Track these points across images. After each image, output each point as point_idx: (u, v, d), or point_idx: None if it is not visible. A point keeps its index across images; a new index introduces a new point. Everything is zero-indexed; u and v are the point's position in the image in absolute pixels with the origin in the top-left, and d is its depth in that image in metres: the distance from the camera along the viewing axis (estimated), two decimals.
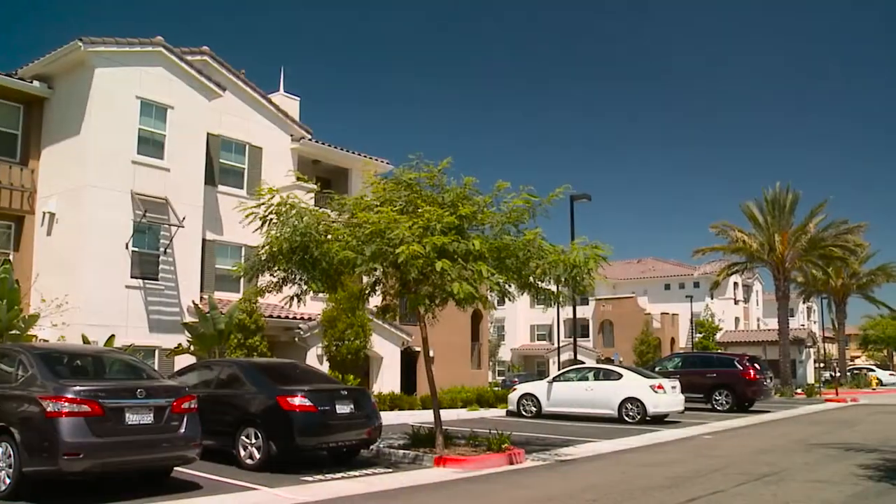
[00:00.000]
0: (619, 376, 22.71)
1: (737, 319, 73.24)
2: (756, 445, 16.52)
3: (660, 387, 21.79)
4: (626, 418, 21.56)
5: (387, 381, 27.56)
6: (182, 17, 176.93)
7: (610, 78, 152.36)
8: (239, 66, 27.07)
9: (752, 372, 26.78)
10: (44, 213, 22.10)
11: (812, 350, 66.95)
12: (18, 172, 22.48)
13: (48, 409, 8.68)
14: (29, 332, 17.29)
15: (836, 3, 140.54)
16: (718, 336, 66.75)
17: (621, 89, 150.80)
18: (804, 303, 78.17)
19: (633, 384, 22.11)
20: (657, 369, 27.73)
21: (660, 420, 21.72)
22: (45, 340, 17.93)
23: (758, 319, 78.34)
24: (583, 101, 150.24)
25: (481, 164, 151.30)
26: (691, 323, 64.30)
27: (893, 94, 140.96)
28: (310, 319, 24.98)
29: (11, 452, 8.79)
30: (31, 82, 22.43)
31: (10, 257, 21.40)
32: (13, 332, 16.73)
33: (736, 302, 73.57)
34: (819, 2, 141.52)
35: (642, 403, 21.48)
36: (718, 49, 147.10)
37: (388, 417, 17.41)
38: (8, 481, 8.81)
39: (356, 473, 11.71)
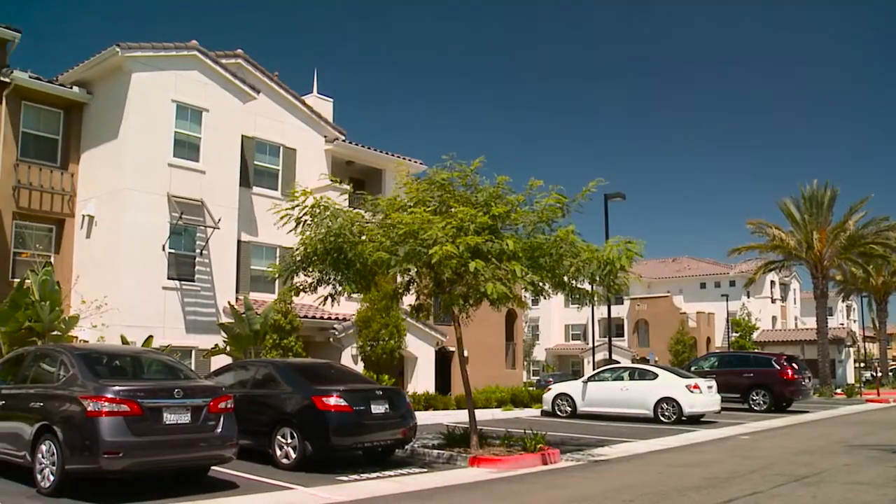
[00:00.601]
0: (655, 376, 22.54)
1: (774, 318, 72.38)
2: (795, 446, 16.31)
3: (696, 386, 21.59)
4: (662, 418, 21.40)
5: (421, 380, 27.60)
6: (216, 20, 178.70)
7: (643, 75, 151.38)
8: (273, 69, 27.34)
9: (790, 371, 26.43)
10: (83, 216, 22.46)
11: (852, 349, 65.98)
12: (59, 176, 22.89)
13: (89, 409, 8.82)
14: (70, 333, 17.61)
15: (877, 3, 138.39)
16: (755, 335, 65.98)
17: (654, 87, 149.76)
18: (843, 301, 77.09)
19: (668, 384, 21.93)
20: (693, 369, 27.49)
21: (696, 420, 21.52)
22: (85, 341, 18.22)
23: (795, 318, 77.36)
24: (616, 99, 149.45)
25: (514, 162, 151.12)
26: (727, 322, 63.66)
27: None
28: (344, 320, 25.09)
29: (55, 450, 8.96)
30: (71, 88, 22.85)
31: (52, 260, 21.78)
32: (55, 332, 17.05)
33: (773, 301, 72.71)
34: (858, 3, 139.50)
35: (678, 403, 21.30)
36: (756, 48, 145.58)
37: (423, 417, 17.43)
38: (52, 478, 8.97)
39: (391, 473, 11.74)
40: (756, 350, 54.57)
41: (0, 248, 21.53)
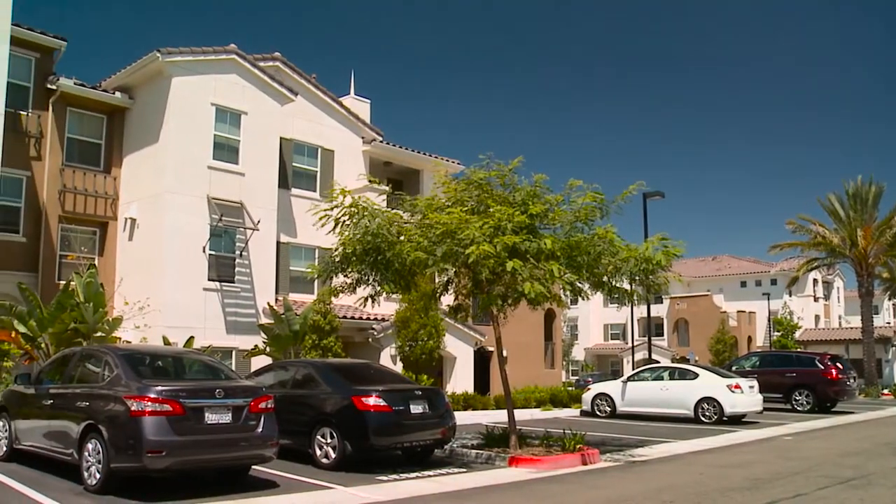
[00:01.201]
0: (695, 376, 22.32)
1: (817, 317, 71.22)
2: (840, 448, 16.03)
3: (737, 386, 21.33)
4: (703, 418, 21.18)
5: (460, 380, 27.61)
6: (253, 22, 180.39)
7: (681, 72, 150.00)
8: (310, 71, 27.52)
9: (834, 371, 25.99)
10: (125, 219, 22.82)
11: None
12: (102, 180, 23.30)
13: (132, 408, 8.95)
14: (113, 334, 17.87)
15: None
16: (798, 334, 64.96)
17: (693, 84, 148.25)
18: (889, 300, 75.48)
19: (709, 384, 21.69)
20: (734, 368, 27.17)
21: (737, 420, 21.27)
22: (128, 342, 18.48)
23: (839, 317, 76.04)
24: (655, 97, 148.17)
25: (552, 162, 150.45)
26: (769, 321, 62.80)
27: None
28: (383, 320, 25.18)
29: (100, 449, 9.11)
30: (114, 93, 23.27)
31: (96, 262, 22.13)
32: (99, 333, 17.32)
33: (816, 299, 71.54)
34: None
35: (719, 403, 21.06)
36: (798, 45, 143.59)
37: (462, 417, 17.43)
38: (98, 476, 9.13)
39: (430, 473, 11.75)
40: (799, 349, 53.78)
41: (47, 251, 21.97)
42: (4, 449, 11.59)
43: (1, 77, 18.69)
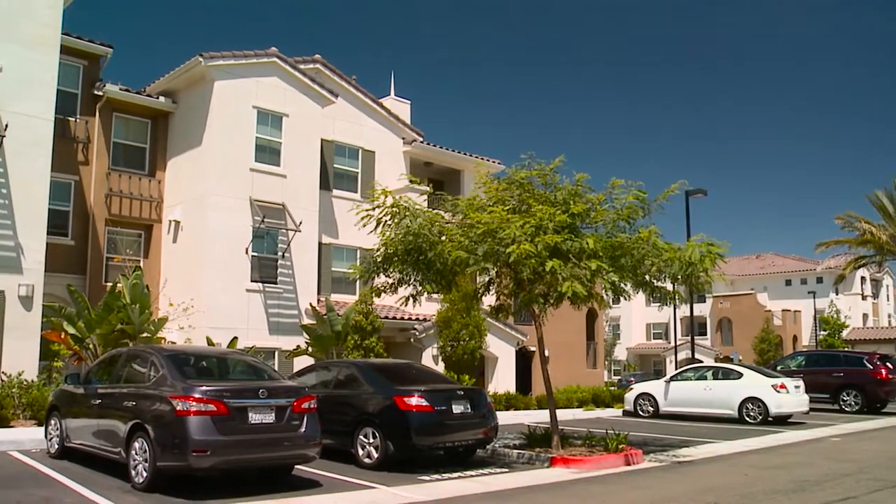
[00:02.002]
0: (739, 375, 22.04)
1: (865, 316, 69.92)
2: (891, 450, 15.71)
3: (782, 386, 21.02)
4: (747, 419, 20.92)
5: (502, 380, 27.57)
6: (293, 26, 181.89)
7: (721, 68, 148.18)
8: (350, 73, 27.67)
9: (883, 371, 25.44)
10: (170, 222, 23.16)
11: None
12: (147, 183, 23.68)
13: (178, 408, 9.06)
14: (158, 335, 18.13)
15: None
16: (845, 333, 63.81)
17: (734, 81, 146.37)
18: None
19: (754, 383, 21.41)
20: (779, 368, 26.75)
21: (783, 421, 20.97)
22: (172, 342, 18.74)
23: (889, 316, 74.57)
24: (697, 94, 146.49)
25: (593, 160, 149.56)
26: (815, 320, 61.82)
27: None
28: (425, 320, 25.23)
29: (147, 448, 9.23)
30: (158, 98, 23.66)
31: (141, 264, 22.51)
32: (145, 334, 17.59)
33: (864, 297, 70.23)
34: None
35: (764, 403, 20.78)
36: (840, 45, 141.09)
37: (504, 417, 17.39)
38: (145, 474, 9.25)
39: (472, 473, 11.74)
40: (846, 349, 52.85)
41: (94, 254, 22.37)
42: (56, 446, 11.81)
43: (51, 85, 19.22)
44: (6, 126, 17.94)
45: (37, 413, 15.38)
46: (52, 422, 12.09)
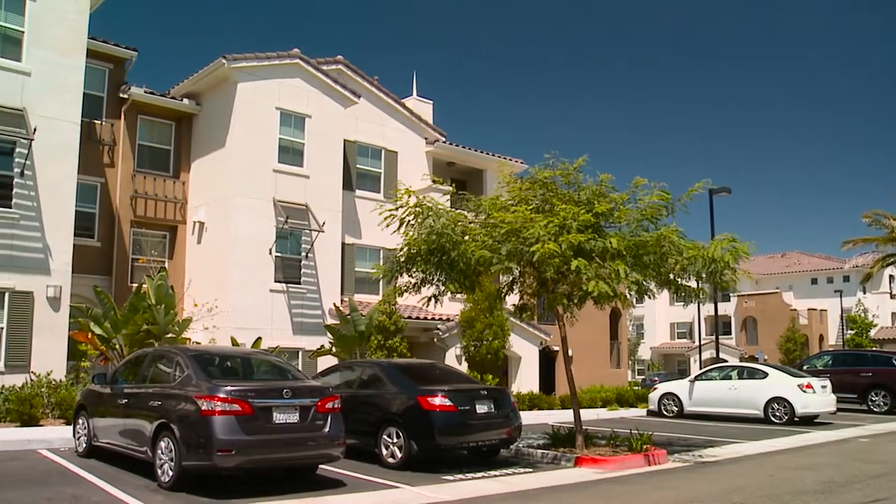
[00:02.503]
0: (765, 375, 21.87)
1: (893, 315, 69.10)
2: None
3: (809, 386, 20.83)
4: (773, 419, 20.75)
5: (525, 380, 27.53)
6: (315, 27, 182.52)
7: (744, 67, 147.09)
8: (372, 73, 27.75)
9: None
10: (194, 223, 23.34)
11: None
12: (171, 185, 23.87)
13: (203, 408, 9.12)
14: (183, 335, 18.26)
15: None
16: (873, 332, 63.14)
17: (757, 79, 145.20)
18: None
19: (779, 383, 21.23)
20: (805, 368, 26.49)
21: (809, 421, 20.79)
22: (197, 343, 18.87)
23: None
24: (720, 91, 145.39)
25: (617, 159, 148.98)
26: (842, 319, 61.22)
27: None
28: (448, 320, 25.25)
29: (172, 447, 9.30)
30: (182, 100, 23.85)
31: (166, 265, 22.71)
32: (170, 334, 17.73)
33: (892, 296, 69.39)
34: None
35: (790, 403, 20.60)
36: (866, 45, 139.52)
37: (527, 417, 17.36)
38: (171, 473, 9.32)
39: (496, 473, 11.73)
40: (874, 348, 52.26)
41: (120, 255, 22.58)
42: (84, 445, 11.92)
43: (77, 88, 19.48)
44: (35, 130, 18.18)
45: (65, 412, 15.55)
46: (80, 421, 12.21)
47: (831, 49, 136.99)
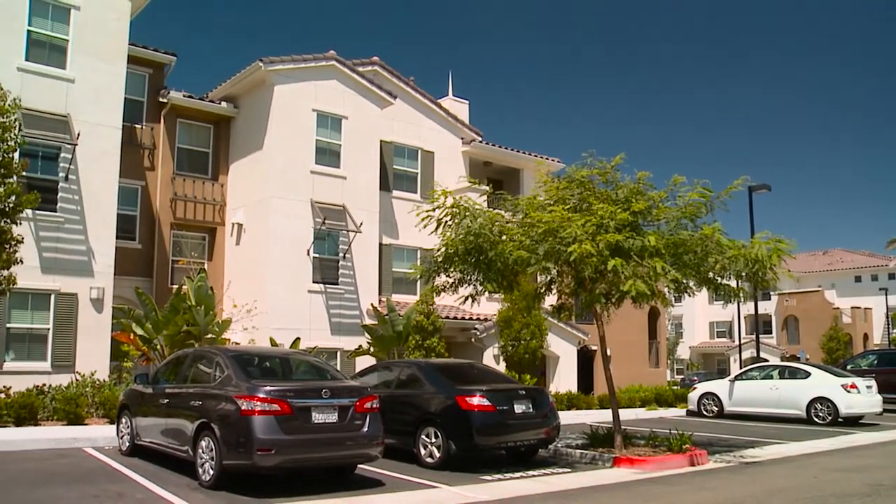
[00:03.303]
0: (807, 374, 21.56)
1: None
2: None
3: (853, 386, 20.48)
4: (816, 419, 20.44)
5: (563, 380, 27.44)
6: (350, 28, 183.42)
7: (783, 60, 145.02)
8: (408, 74, 27.82)
9: None
10: (233, 224, 23.59)
11: None
12: (210, 187, 24.14)
13: (243, 408, 9.21)
14: (223, 336, 18.45)
15: None
16: None
17: (798, 72, 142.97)
18: None
19: (822, 383, 20.92)
20: (849, 367, 26.05)
21: (854, 422, 20.46)
22: (237, 343, 19.05)
23: None
24: (759, 85, 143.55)
25: (655, 158, 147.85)
26: (887, 317, 60.16)
27: None
28: (486, 320, 25.24)
29: (213, 446, 9.41)
30: (220, 103, 24.13)
31: (205, 266, 22.96)
32: (209, 335, 17.92)
33: None
34: None
35: (833, 404, 20.28)
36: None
37: (566, 417, 17.30)
38: (211, 472, 9.43)
39: (534, 473, 11.70)
40: None
41: (161, 257, 22.89)
42: (127, 444, 12.11)
43: (119, 94, 19.84)
44: (78, 135, 18.52)
45: (108, 411, 15.80)
46: (123, 420, 12.41)
47: (873, 43, 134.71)
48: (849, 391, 20.37)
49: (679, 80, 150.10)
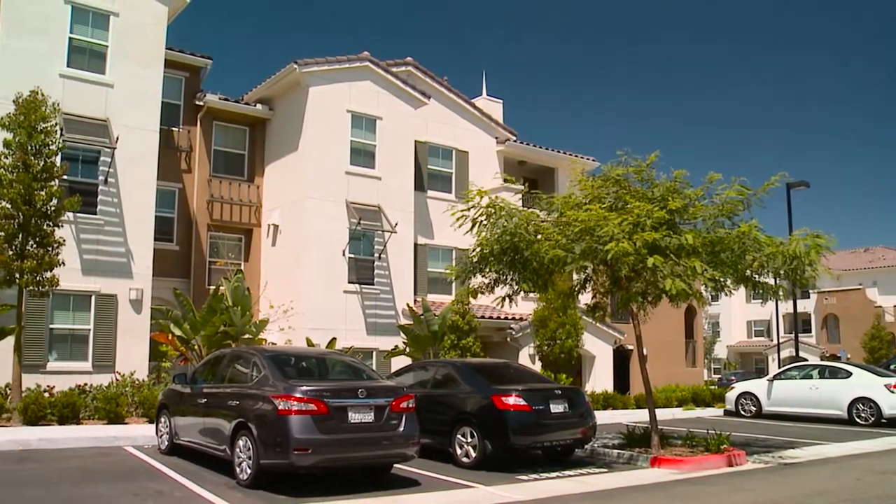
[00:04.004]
0: (848, 374, 21.24)
1: None
2: None
3: None
4: (857, 420, 20.12)
5: (599, 379, 27.30)
6: (383, 29, 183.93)
7: (815, 53, 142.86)
8: (441, 74, 27.84)
9: None
10: (268, 226, 23.78)
11: None
12: (246, 189, 24.35)
13: (279, 407, 9.28)
14: (259, 336, 18.60)
15: None
16: None
17: (832, 67, 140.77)
18: None
19: (864, 383, 20.59)
20: (893, 367, 25.66)
21: None
22: (273, 343, 19.20)
23: None
24: (793, 80, 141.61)
25: (691, 155, 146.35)
26: None
27: None
28: (521, 319, 25.19)
29: (251, 446, 9.50)
30: (255, 106, 24.33)
31: (242, 267, 23.17)
32: (246, 335, 18.08)
33: None
34: None
35: (876, 404, 19.95)
36: None
37: (602, 417, 17.21)
38: (249, 471, 9.52)
39: (571, 473, 11.65)
40: None
41: (198, 258, 23.14)
42: (166, 443, 12.27)
43: (156, 98, 20.14)
44: (117, 139, 18.79)
45: (148, 411, 16.02)
46: (162, 419, 12.56)
47: None
48: (892, 391, 20.02)
49: (716, 78, 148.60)
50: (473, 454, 11.93)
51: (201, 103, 23.46)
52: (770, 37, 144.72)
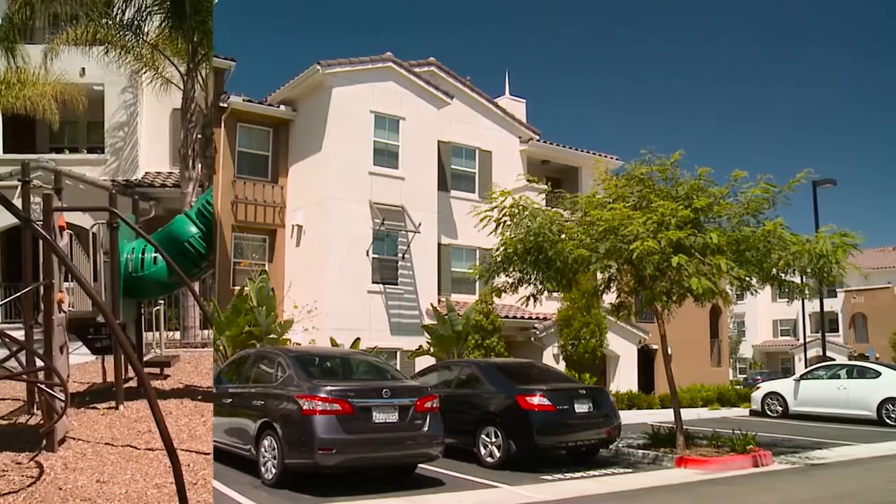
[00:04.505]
0: (877, 374, 20.96)
1: None
2: None
3: None
4: (888, 421, 19.84)
5: (624, 379, 27.18)
6: (407, 29, 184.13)
7: (836, 51, 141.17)
8: (464, 74, 27.82)
9: None
10: (292, 226, 23.88)
11: None
12: (270, 190, 24.47)
13: (304, 407, 9.32)
14: (284, 336, 18.67)
15: None
16: None
17: (853, 64, 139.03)
18: None
19: (894, 383, 20.31)
20: None
21: None
22: (297, 344, 19.26)
23: None
24: (816, 79, 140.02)
25: (715, 152, 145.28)
26: None
27: None
28: (545, 319, 25.13)
29: (275, 445, 9.55)
30: (278, 107, 24.42)
31: (266, 268, 23.27)
32: (271, 336, 18.14)
33: None
34: None
35: None
36: None
37: (626, 416, 17.11)
38: (274, 471, 9.57)
39: (595, 473, 11.61)
40: None
41: (223, 259, 23.25)
42: None
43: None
44: None
45: None
46: None
47: None
48: None
49: (742, 76, 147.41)
50: (498, 454, 11.90)
51: (225, 105, 23.58)
52: (800, 34, 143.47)
